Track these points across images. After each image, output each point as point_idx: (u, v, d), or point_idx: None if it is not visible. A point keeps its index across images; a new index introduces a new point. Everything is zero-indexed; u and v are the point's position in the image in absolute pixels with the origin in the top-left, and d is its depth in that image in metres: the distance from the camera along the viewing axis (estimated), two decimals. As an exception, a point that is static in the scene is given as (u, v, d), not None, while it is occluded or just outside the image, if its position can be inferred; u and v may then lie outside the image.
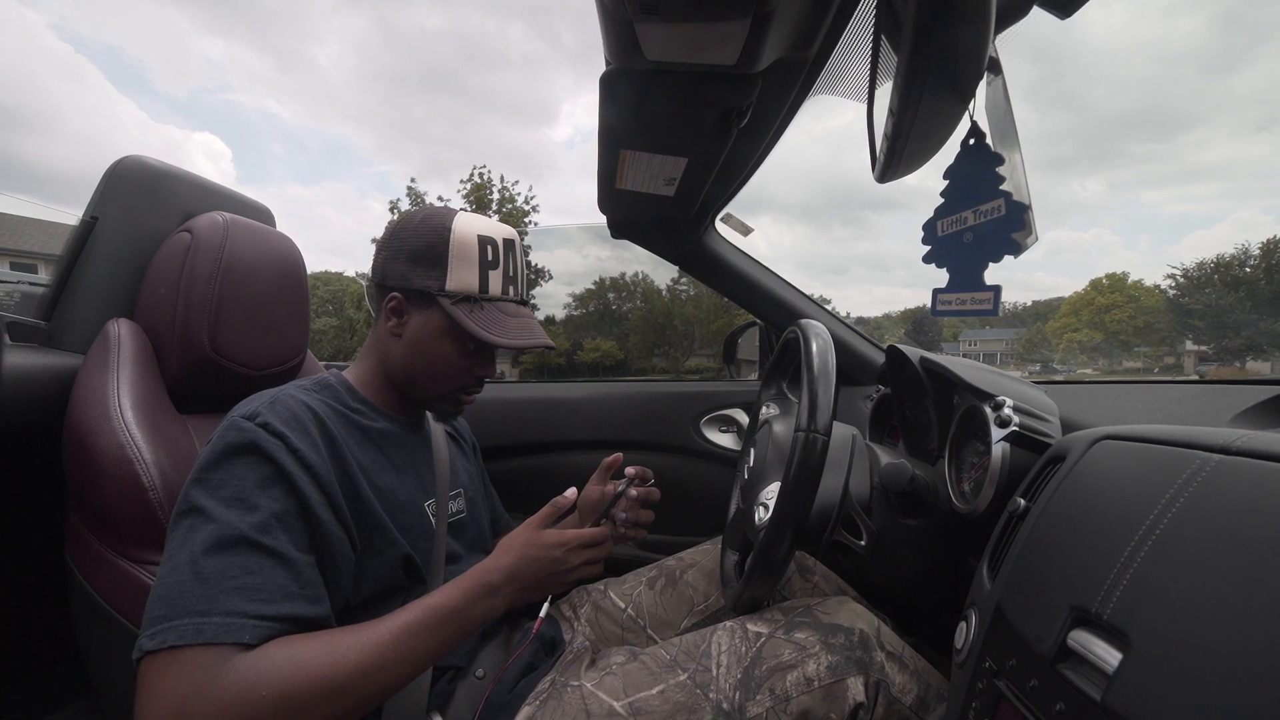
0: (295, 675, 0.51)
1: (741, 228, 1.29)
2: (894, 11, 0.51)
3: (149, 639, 0.50)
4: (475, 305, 0.72)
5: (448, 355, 0.74)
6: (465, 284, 0.72)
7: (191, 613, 0.51)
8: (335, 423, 0.68)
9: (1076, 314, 36.62)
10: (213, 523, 0.55)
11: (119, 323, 0.78)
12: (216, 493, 0.57)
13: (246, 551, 0.54)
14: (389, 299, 0.73)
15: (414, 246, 0.72)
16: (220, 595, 0.52)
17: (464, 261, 0.72)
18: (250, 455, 0.59)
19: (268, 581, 0.54)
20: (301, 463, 0.61)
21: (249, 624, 0.52)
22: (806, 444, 0.62)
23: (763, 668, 0.65)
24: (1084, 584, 0.39)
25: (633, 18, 0.53)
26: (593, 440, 1.45)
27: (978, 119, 0.49)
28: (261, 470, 0.58)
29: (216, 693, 0.49)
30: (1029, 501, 0.55)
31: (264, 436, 0.60)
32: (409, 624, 0.57)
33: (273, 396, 0.66)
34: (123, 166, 0.84)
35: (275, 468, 0.59)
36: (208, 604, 0.51)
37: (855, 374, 1.34)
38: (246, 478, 0.58)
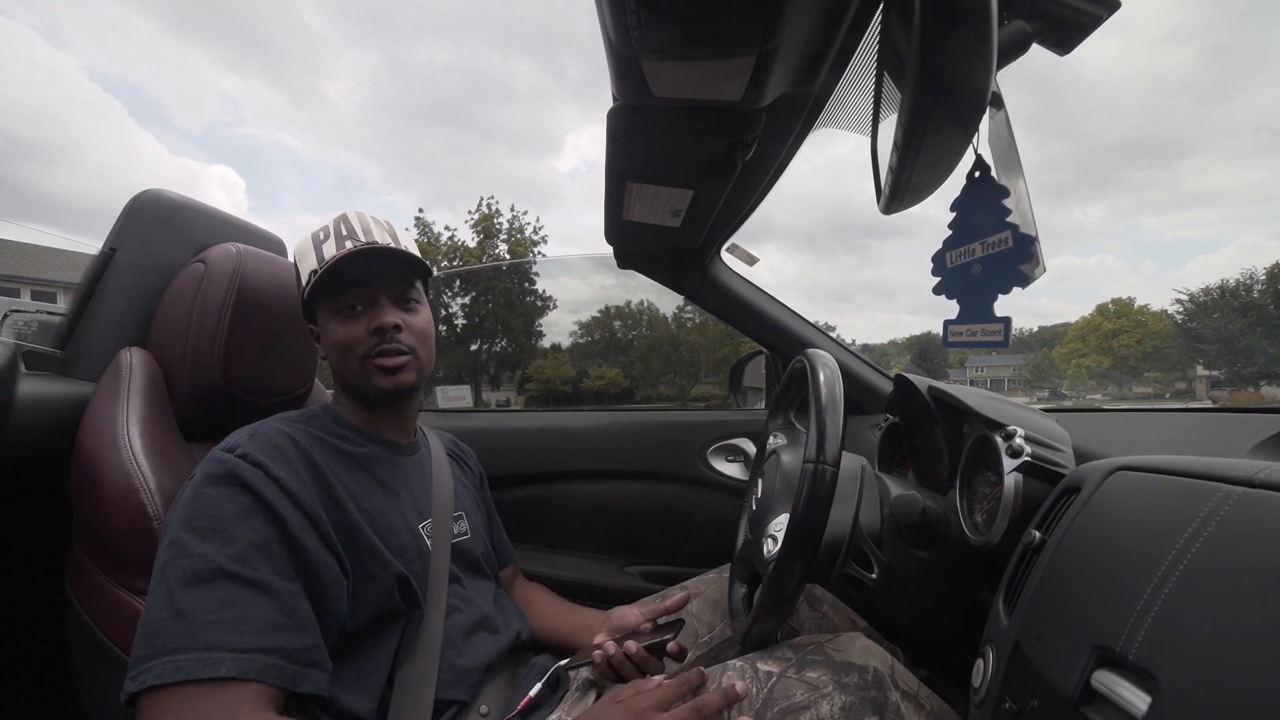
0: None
1: (747, 258, 1.30)
2: (896, 49, 0.52)
3: (131, 680, 0.50)
4: (319, 273, 0.73)
5: (335, 331, 0.74)
6: (308, 268, 0.75)
7: (169, 650, 0.51)
8: (318, 449, 0.69)
9: (1084, 339, 36.47)
10: (188, 557, 0.54)
11: (131, 352, 0.79)
12: (193, 524, 0.56)
13: (225, 584, 0.54)
14: (313, 335, 0.79)
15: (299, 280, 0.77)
16: (198, 630, 0.51)
17: (304, 256, 0.76)
18: (229, 486, 0.59)
19: (248, 613, 0.54)
20: (283, 490, 0.61)
21: (228, 657, 0.51)
22: (815, 475, 0.62)
23: (774, 710, 0.63)
24: (1106, 622, 0.38)
25: (640, 56, 0.55)
26: (599, 470, 1.44)
27: (981, 152, 0.50)
28: (240, 500, 0.58)
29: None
30: (1044, 534, 0.54)
31: (243, 466, 0.60)
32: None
33: (253, 429, 0.67)
34: (142, 199, 0.86)
35: (254, 497, 0.59)
36: (185, 640, 0.51)
37: (863, 403, 1.34)
38: (225, 509, 0.58)
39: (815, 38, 0.57)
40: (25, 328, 0.81)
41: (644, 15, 0.47)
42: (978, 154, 0.51)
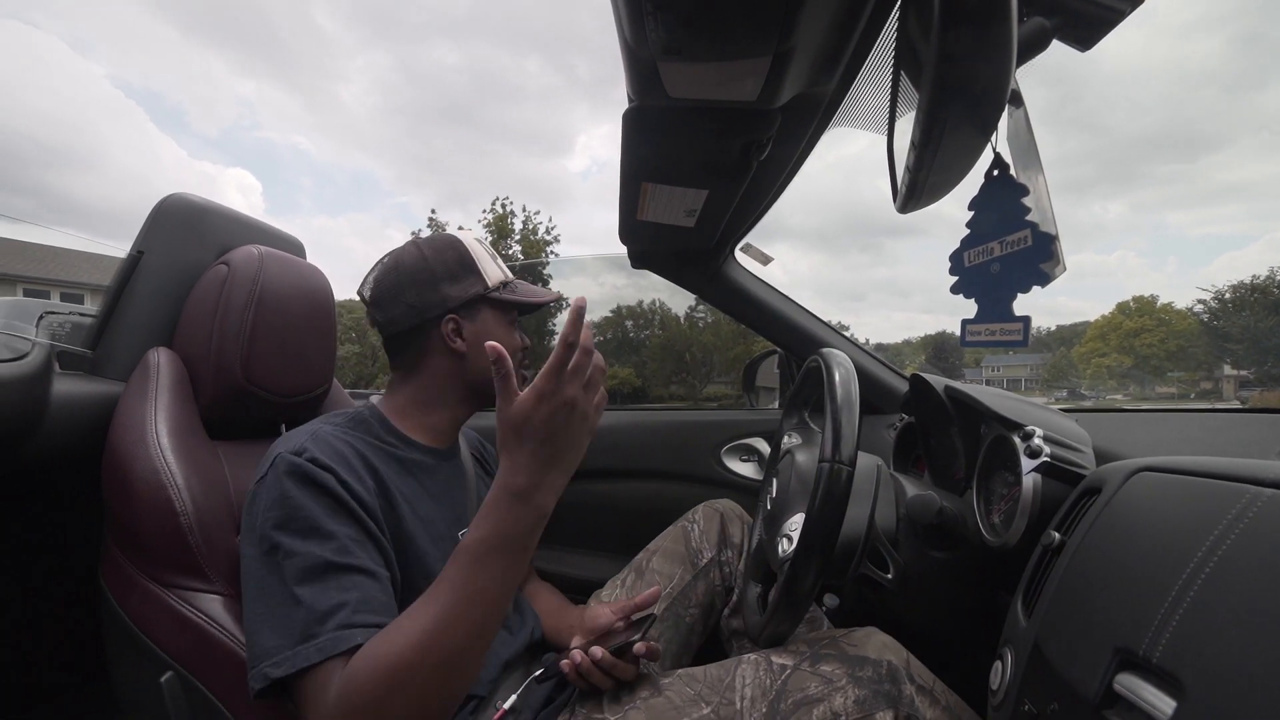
0: (385, 656, 0.52)
1: (761, 257, 1.30)
2: (913, 47, 0.52)
3: (273, 666, 0.54)
4: (508, 287, 0.83)
5: (507, 340, 0.82)
6: (495, 276, 0.82)
7: (308, 636, 0.55)
8: (375, 456, 0.70)
9: (1104, 338, 35.79)
10: (296, 555, 0.58)
11: (159, 352, 0.81)
12: (289, 526, 0.60)
13: (338, 574, 0.58)
14: (446, 324, 0.79)
15: (444, 271, 0.79)
16: (328, 614, 0.55)
17: (485, 260, 0.82)
18: (309, 486, 0.62)
19: (364, 595, 0.58)
20: (351, 494, 0.63)
21: (360, 632, 0.55)
22: (831, 475, 0.62)
23: (788, 701, 0.63)
24: (1129, 624, 0.38)
25: (656, 58, 0.55)
26: (612, 469, 1.45)
27: (1000, 150, 0.50)
28: (324, 500, 0.62)
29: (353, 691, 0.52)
30: (1064, 535, 0.54)
31: (316, 470, 0.63)
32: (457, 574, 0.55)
33: (312, 432, 0.68)
34: (168, 203, 0.88)
35: (333, 497, 0.62)
36: (319, 626, 0.55)
37: (878, 403, 1.33)
38: (312, 508, 0.61)
39: (831, 37, 0.57)
40: (59, 329, 0.83)
41: (660, 17, 0.47)
42: (996, 152, 0.51)
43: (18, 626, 0.85)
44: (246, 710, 0.65)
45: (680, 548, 1.01)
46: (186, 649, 0.66)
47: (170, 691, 0.65)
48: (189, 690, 0.65)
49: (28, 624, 0.86)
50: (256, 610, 0.58)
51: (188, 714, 0.65)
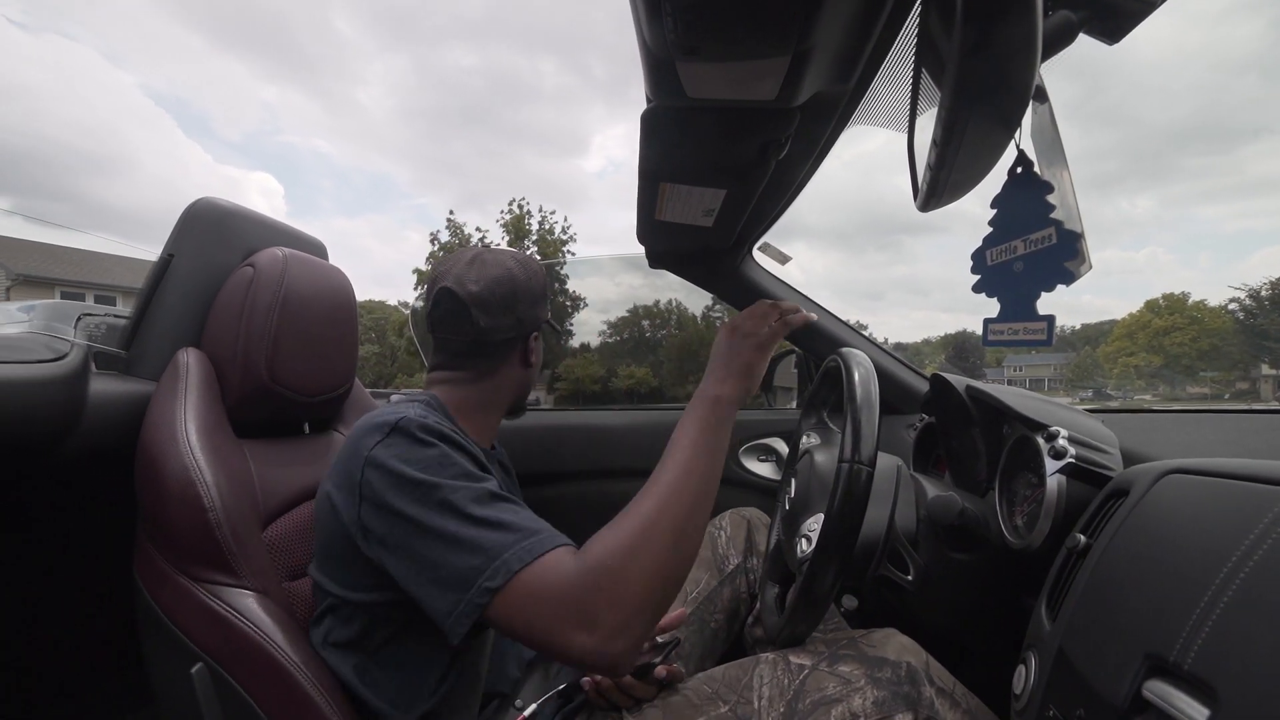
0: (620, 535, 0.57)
1: (779, 256, 1.30)
2: (935, 44, 0.52)
3: (490, 579, 0.55)
4: None
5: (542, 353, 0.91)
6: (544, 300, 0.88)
7: (509, 546, 0.56)
8: None
9: (1132, 337, 34.90)
10: (464, 495, 0.59)
11: (188, 352, 0.83)
12: (447, 474, 0.61)
13: (504, 503, 0.61)
14: (534, 338, 0.87)
15: (541, 292, 0.86)
16: (519, 526, 0.58)
17: (543, 286, 0.88)
18: (449, 445, 0.64)
19: (532, 516, 0.61)
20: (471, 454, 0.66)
21: (551, 536, 0.58)
22: (851, 475, 0.61)
23: (806, 701, 0.63)
24: (1159, 630, 0.37)
25: (674, 58, 0.55)
26: (632, 468, 1.45)
27: (1024, 147, 0.49)
28: (463, 456, 0.64)
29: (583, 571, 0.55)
30: (1090, 538, 0.53)
31: (447, 432, 0.66)
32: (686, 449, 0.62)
33: (418, 408, 0.71)
34: (196, 207, 0.90)
35: (469, 454, 0.65)
36: (518, 536, 0.57)
37: (897, 403, 1.31)
38: (458, 459, 0.63)
39: (851, 35, 0.57)
40: (95, 330, 0.86)
41: (679, 17, 0.47)
42: (1020, 149, 0.50)
43: (55, 617, 0.88)
44: (272, 703, 0.66)
45: (707, 553, 1.01)
46: (215, 642, 0.67)
47: (200, 682, 0.67)
48: (218, 681, 0.67)
49: (64, 615, 0.89)
50: (442, 549, 0.58)
51: (216, 705, 0.67)
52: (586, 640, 0.53)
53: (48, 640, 0.87)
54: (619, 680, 0.72)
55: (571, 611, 0.54)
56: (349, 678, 0.68)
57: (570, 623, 0.54)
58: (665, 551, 0.56)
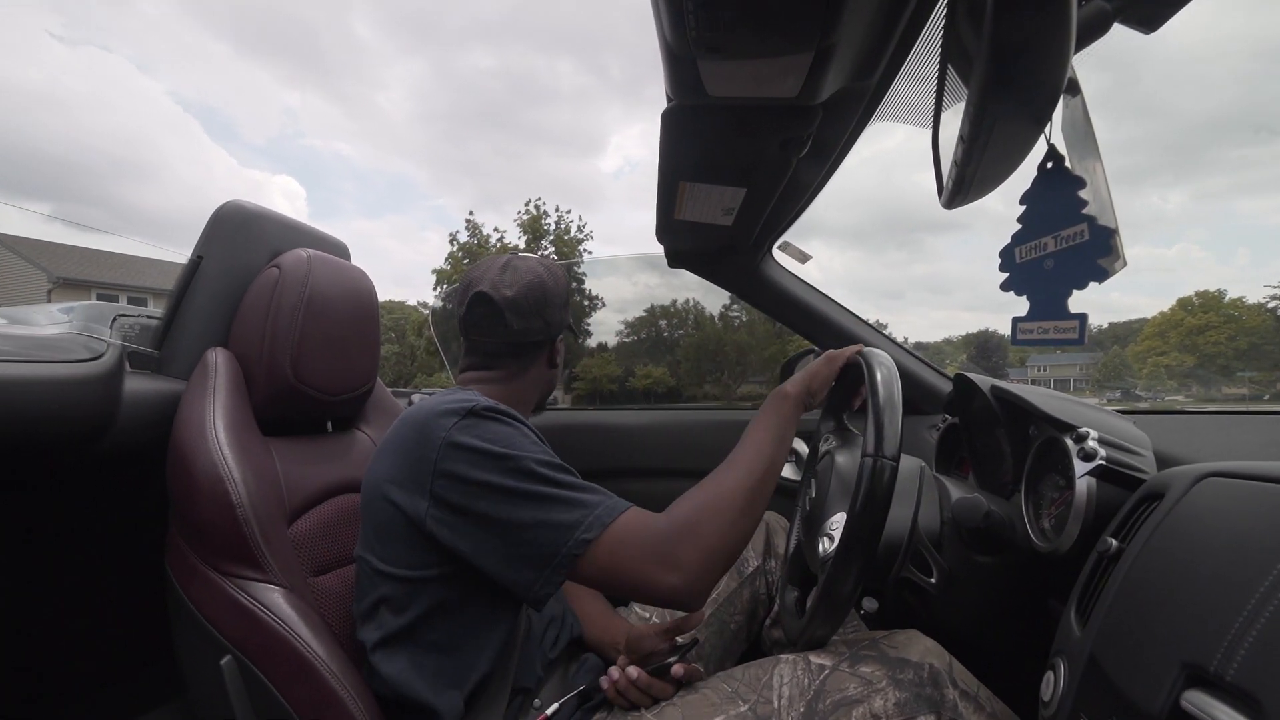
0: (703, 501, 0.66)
1: (799, 255, 1.28)
2: (962, 38, 0.51)
3: (586, 531, 0.62)
4: None
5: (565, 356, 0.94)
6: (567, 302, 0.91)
7: (599, 504, 0.64)
8: None
9: (1163, 336, 33.90)
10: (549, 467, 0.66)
11: (216, 352, 0.85)
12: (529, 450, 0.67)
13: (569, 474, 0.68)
14: (560, 341, 0.91)
15: (565, 295, 0.89)
16: (602, 490, 0.67)
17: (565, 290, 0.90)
18: (520, 424, 0.71)
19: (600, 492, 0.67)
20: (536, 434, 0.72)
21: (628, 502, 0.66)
22: (874, 472, 0.61)
23: (826, 702, 0.62)
24: (1198, 639, 0.36)
25: (696, 56, 0.55)
26: (648, 468, 1.45)
27: (1055, 141, 0.48)
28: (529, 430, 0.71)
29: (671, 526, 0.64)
30: (1122, 543, 0.52)
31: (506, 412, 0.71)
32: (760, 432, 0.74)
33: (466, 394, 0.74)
34: (224, 210, 0.92)
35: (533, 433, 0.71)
36: (602, 497, 0.66)
37: (920, 403, 1.29)
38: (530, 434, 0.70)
39: (875, 30, 0.56)
40: (130, 330, 0.89)
41: (701, 15, 0.47)
42: (1050, 143, 0.49)
43: (90, 609, 0.91)
44: (297, 695, 0.67)
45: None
46: (244, 635, 0.69)
47: (229, 674, 0.68)
48: (246, 674, 0.68)
49: (100, 606, 0.92)
50: (533, 509, 0.64)
51: (245, 697, 0.68)
52: (674, 579, 0.62)
53: (83, 632, 0.90)
54: (635, 680, 0.73)
55: (661, 555, 0.62)
56: (396, 675, 0.68)
57: (660, 564, 0.62)
58: (738, 512, 0.66)
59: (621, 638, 0.88)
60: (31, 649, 0.85)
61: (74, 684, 0.91)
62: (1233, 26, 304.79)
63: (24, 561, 0.82)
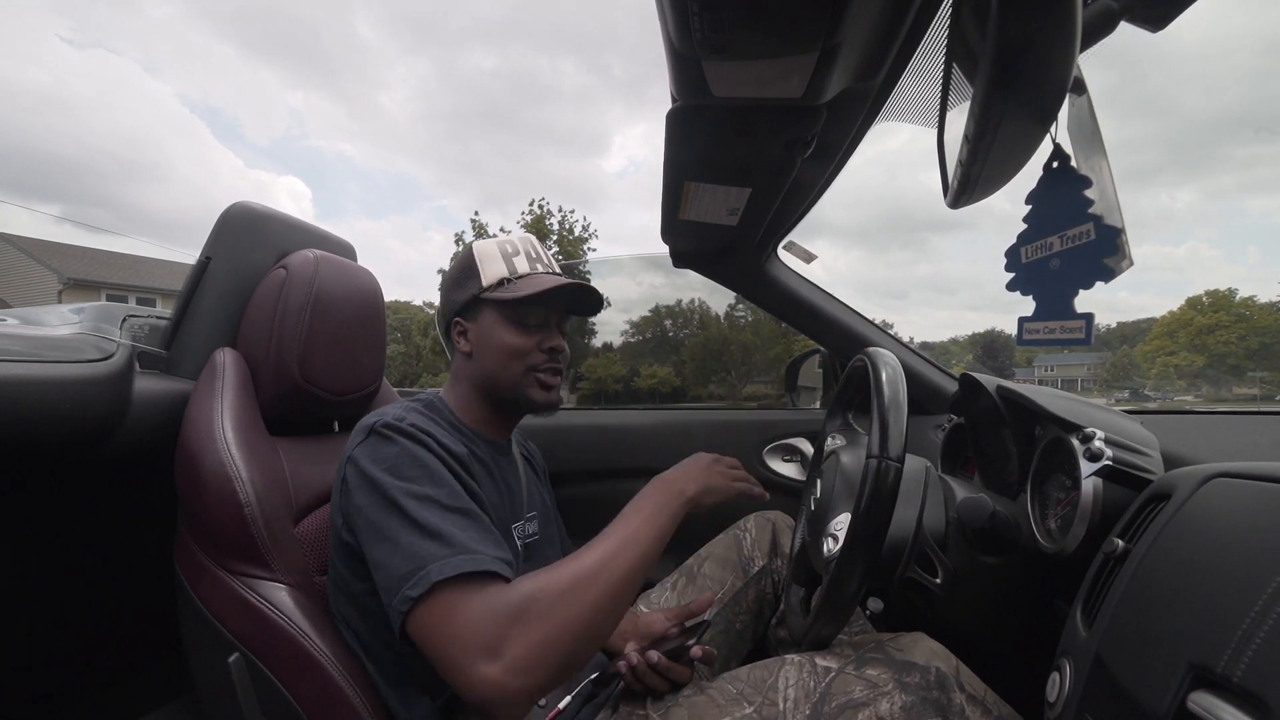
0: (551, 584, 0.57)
1: (804, 255, 1.28)
2: (966, 38, 0.50)
3: (411, 588, 0.56)
4: (509, 283, 0.79)
5: (506, 338, 0.79)
6: (495, 273, 0.80)
7: (438, 558, 0.57)
8: (448, 438, 0.73)
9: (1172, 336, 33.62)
10: (416, 497, 0.62)
11: (224, 352, 0.86)
12: (404, 473, 0.64)
13: (454, 514, 0.62)
14: (454, 326, 0.83)
15: (454, 277, 0.83)
16: (454, 542, 0.59)
17: (490, 260, 0.81)
18: (416, 445, 0.66)
19: (480, 534, 0.61)
20: (451, 455, 0.68)
21: (486, 558, 0.58)
22: (879, 472, 0.60)
23: (832, 704, 0.62)
24: (1205, 640, 0.36)
25: (700, 57, 0.55)
26: (654, 468, 1.44)
27: (1060, 140, 0.47)
28: (428, 457, 0.66)
29: (500, 606, 0.55)
30: (1129, 543, 0.51)
31: (417, 433, 0.67)
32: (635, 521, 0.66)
33: (404, 407, 0.73)
34: (232, 211, 0.93)
35: (435, 454, 0.67)
36: (448, 550, 0.58)
37: (925, 403, 1.29)
38: (423, 460, 0.65)
39: (880, 31, 0.56)
40: (139, 330, 0.90)
41: (706, 16, 0.47)
42: (1056, 143, 0.49)
43: (100, 606, 0.92)
44: (304, 692, 0.68)
45: (732, 555, 1.01)
46: (251, 633, 0.69)
47: (237, 672, 0.69)
48: (254, 671, 0.69)
49: (109, 604, 0.92)
50: (385, 551, 0.60)
51: (252, 694, 0.69)
52: (488, 670, 0.52)
53: (93, 628, 0.91)
54: (655, 663, 0.73)
55: (482, 637, 0.53)
56: (374, 676, 0.70)
57: (479, 649, 0.53)
58: (592, 608, 0.57)
59: (629, 624, 0.88)
60: (41, 646, 0.85)
61: (83, 680, 0.92)
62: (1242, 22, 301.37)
63: (35, 559, 0.82)
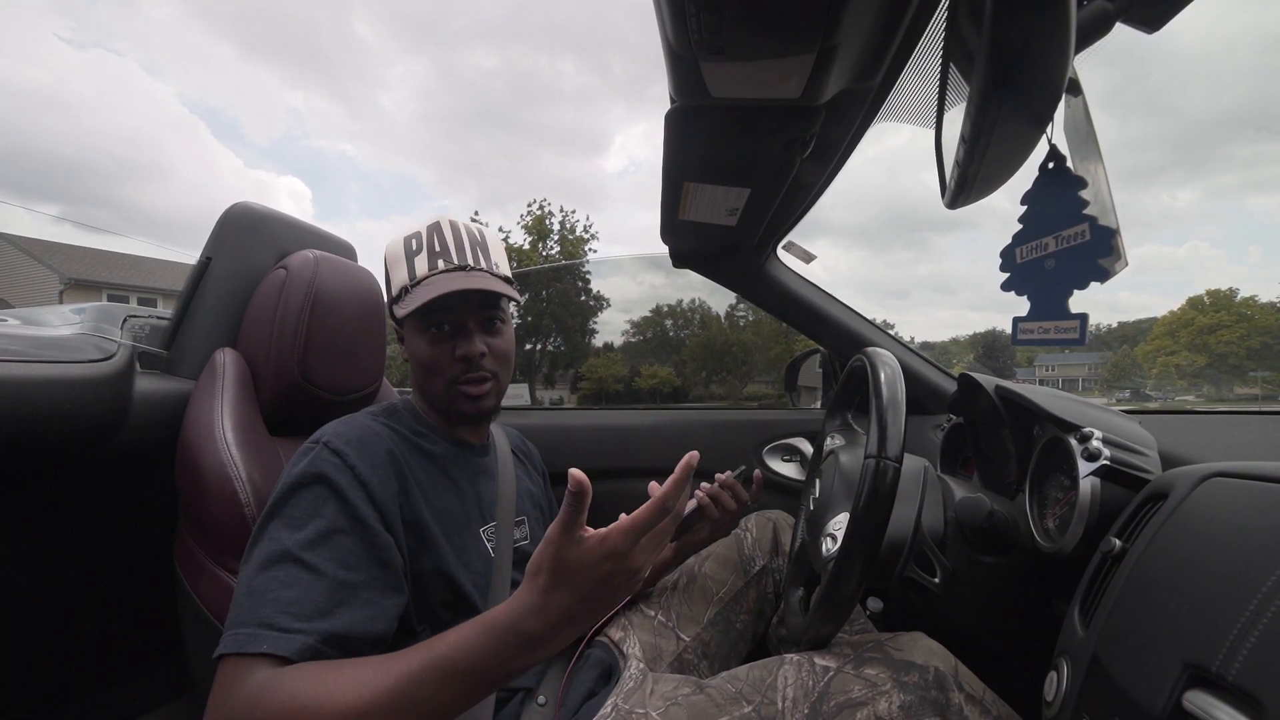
0: (289, 703, 0.48)
1: (804, 255, 1.28)
2: (963, 39, 0.51)
3: (223, 642, 0.53)
4: (408, 292, 0.76)
5: (422, 350, 0.76)
6: (399, 280, 0.77)
7: (234, 624, 0.53)
8: (399, 445, 0.72)
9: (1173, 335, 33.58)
10: (266, 540, 0.58)
11: (224, 352, 0.86)
12: (277, 511, 0.61)
13: (289, 566, 0.56)
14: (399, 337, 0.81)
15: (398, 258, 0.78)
16: (257, 606, 0.54)
17: (395, 266, 0.78)
18: (307, 475, 0.62)
19: (303, 595, 0.55)
20: (357, 479, 0.63)
21: (277, 636, 0.52)
22: (877, 472, 0.61)
23: (830, 704, 0.62)
24: (1200, 639, 0.36)
25: (699, 58, 0.55)
26: (654, 468, 1.45)
27: (1056, 142, 0.48)
28: (316, 490, 0.61)
29: (234, 702, 0.50)
30: (1126, 542, 0.51)
31: (324, 455, 0.64)
32: (410, 672, 0.49)
33: (344, 420, 0.71)
34: (233, 212, 0.93)
35: (328, 486, 0.61)
36: (246, 615, 0.54)
37: (924, 403, 1.29)
38: (303, 499, 0.61)
39: (877, 31, 0.56)
40: (140, 330, 0.90)
41: (703, 17, 0.47)
42: (1052, 144, 0.49)
43: (100, 606, 0.92)
44: None
45: (733, 554, 1.01)
46: None
47: None
48: None
49: (109, 603, 0.93)
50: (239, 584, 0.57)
51: None
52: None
53: (94, 628, 0.91)
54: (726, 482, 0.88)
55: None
56: None
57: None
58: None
59: None
60: (41, 646, 0.86)
61: (84, 680, 0.92)
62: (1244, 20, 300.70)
63: (36, 559, 0.83)
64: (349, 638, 0.55)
